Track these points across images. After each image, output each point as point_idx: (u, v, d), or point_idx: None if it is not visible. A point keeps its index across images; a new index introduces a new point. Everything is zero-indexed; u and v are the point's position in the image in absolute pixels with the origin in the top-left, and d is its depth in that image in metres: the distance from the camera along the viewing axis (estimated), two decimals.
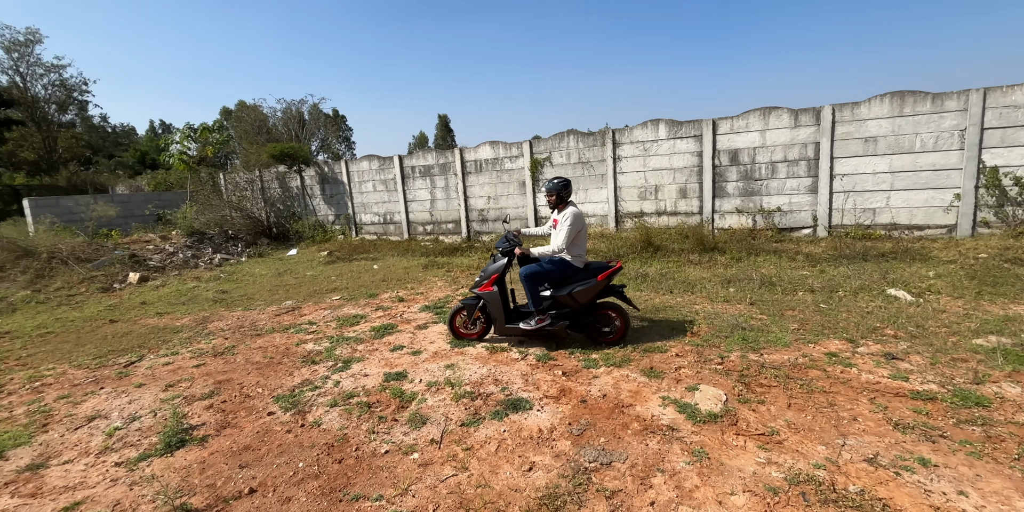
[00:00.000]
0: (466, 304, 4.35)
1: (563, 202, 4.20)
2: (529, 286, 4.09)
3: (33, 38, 23.81)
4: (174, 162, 14.43)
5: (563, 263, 4.09)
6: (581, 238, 4.12)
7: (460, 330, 4.47)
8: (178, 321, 5.87)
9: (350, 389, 3.65)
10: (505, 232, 4.37)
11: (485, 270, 4.22)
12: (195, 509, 2.39)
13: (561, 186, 4.17)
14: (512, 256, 4.19)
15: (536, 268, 4.09)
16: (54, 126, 25.34)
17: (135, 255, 9.31)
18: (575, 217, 4.02)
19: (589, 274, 4.07)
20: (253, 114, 25.71)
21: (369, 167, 12.94)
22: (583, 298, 4.03)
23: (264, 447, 2.94)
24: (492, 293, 4.11)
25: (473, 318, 4.38)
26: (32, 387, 4.08)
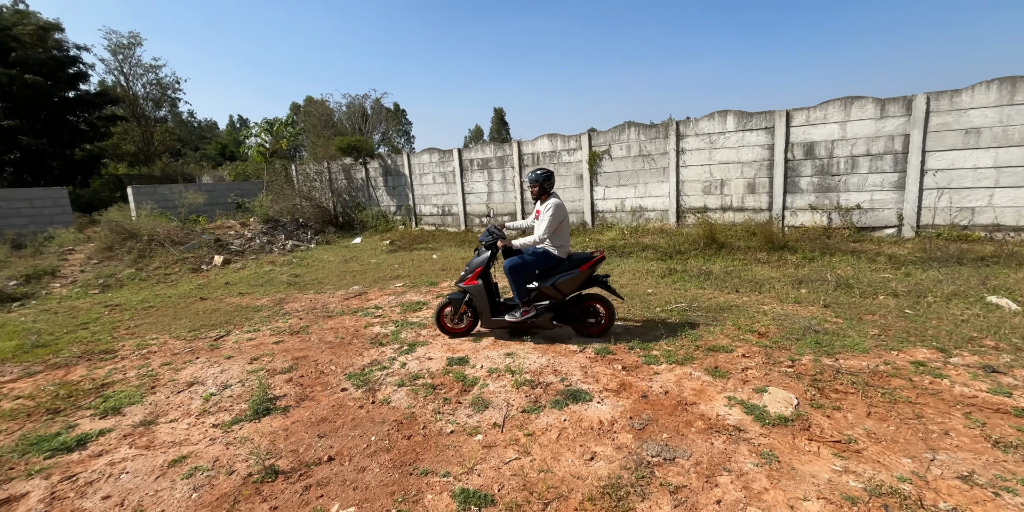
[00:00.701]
0: (452, 299, 4.31)
1: (546, 193, 4.23)
2: (513, 278, 4.10)
3: (135, 41, 26.27)
4: (252, 154, 15.53)
5: (546, 254, 4.12)
6: (563, 229, 4.13)
7: (448, 325, 4.40)
8: (258, 301, 6.37)
9: (415, 371, 3.84)
10: (488, 226, 4.38)
11: (470, 264, 4.22)
12: (282, 471, 2.63)
13: (544, 177, 4.18)
14: (495, 249, 4.19)
15: (518, 260, 4.09)
16: (151, 121, 27.94)
17: (219, 239, 10.16)
18: (556, 208, 4.03)
19: (572, 265, 4.09)
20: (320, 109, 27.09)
21: (429, 160, 13.31)
22: (566, 289, 4.07)
23: (339, 420, 3.16)
24: (477, 287, 4.14)
25: (460, 312, 4.36)
26: (140, 354, 4.60)
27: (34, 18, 19.83)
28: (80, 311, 6.34)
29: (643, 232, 9.26)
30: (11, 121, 18.99)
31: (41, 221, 12.39)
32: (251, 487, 2.50)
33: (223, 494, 2.46)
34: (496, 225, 4.40)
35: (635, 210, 10.11)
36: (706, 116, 9.21)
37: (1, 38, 18.62)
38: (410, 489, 2.41)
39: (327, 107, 26.83)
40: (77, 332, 5.36)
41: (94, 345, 4.86)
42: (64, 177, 19.85)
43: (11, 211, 12.33)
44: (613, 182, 10.36)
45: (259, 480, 2.54)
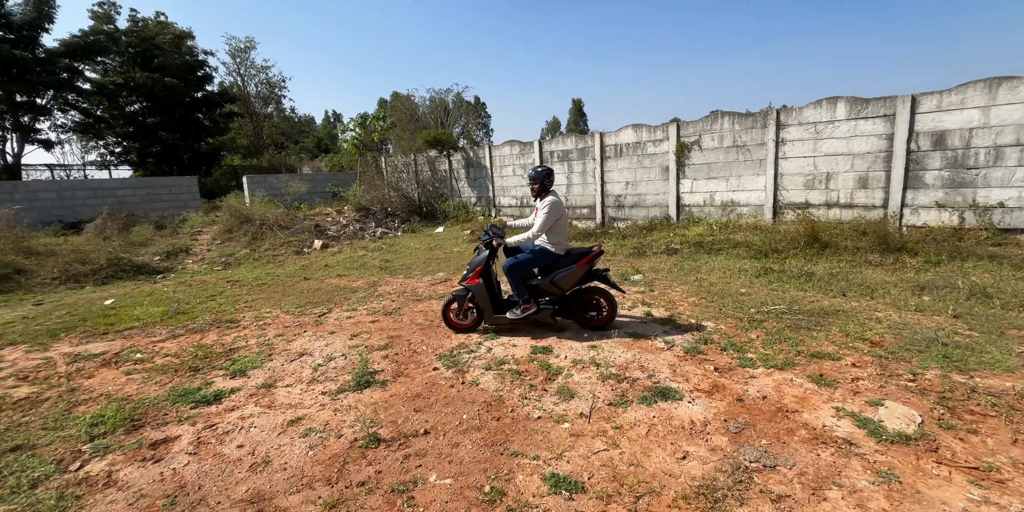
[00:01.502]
0: (457, 296, 4.39)
1: (546, 190, 4.26)
2: (512, 277, 4.14)
3: (250, 45, 29.10)
4: (348, 147, 16.68)
5: (543, 252, 4.16)
6: (561, 225, 4.16)
7: (454, 321, 4.49)
8: (354, 283, 6.88)
9: (500, 356, 3.95)
10: (487, 225, 4.45)
11: (470, 263, 4.27)
12: (383, 439, 2.85)
13: (544, 174, 4.22)
14: (494, 248, 4.23)
15: (516, 260, 4.15)
16: (260, 117, 30.92)
17: (318, 225, 11.09)
18: (553, 205, 4.07)
19: (570, 261, 4.13)
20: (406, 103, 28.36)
21: (510, 152, 13.47)
22: (565, 285, 4.13)
23: (432, 397, 3.35)
24: (478, 285, 4.19)
25: (464, 309, 4.43)
26: (258, 325, 5.17)
27: (172, 28, 22.65)
28: (208, 285, 7.25)
29: (734, 228, 8.72)
30: (153, 119, 21.94)
31: (177, 205, 14.28)
32: (357, 451, 2.73)
33: (334, 454, 2.72)
34: (497, 224, 4.48)
35: (725, 204, 9.54)
36: (811, 104, 8.42)
37: (146, 47, 21.51)
38: (501, 468, 2.51)
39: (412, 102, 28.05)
40: (207, 303, 6.14)
41: (221, 315, 5.54)
42: (192, 167, 22.63)
43: (154, 196, 14.33)
44: (702, 175, 9.84)
45: (364, 445, 2.78)
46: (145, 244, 9.87)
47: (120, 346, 4.60)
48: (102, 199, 13.57)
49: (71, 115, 21.70)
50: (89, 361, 4.24)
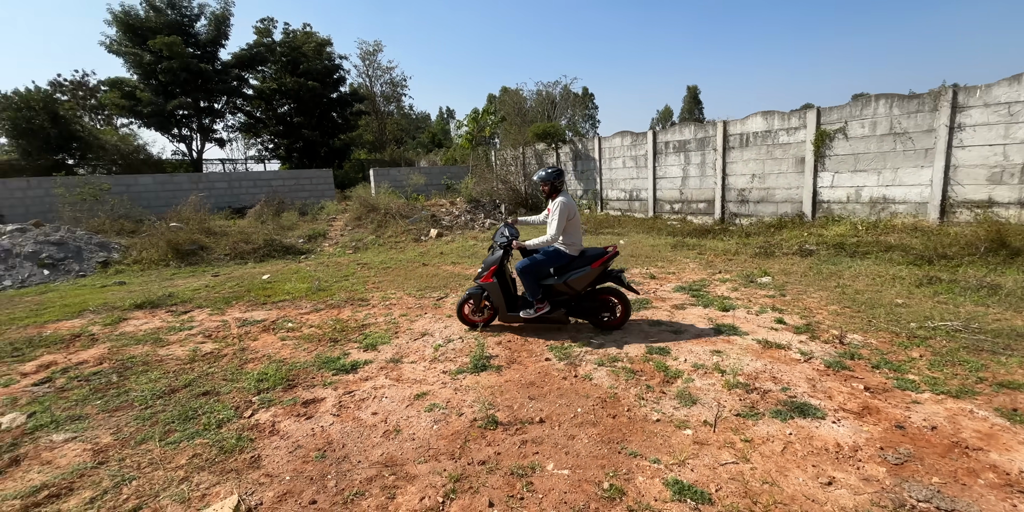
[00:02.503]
0: (472, 294, 4.43)
1: (556, 192, 4.19)
2: (525, 279, 4.12)
3: (377, 48, 31.75)
4: (462, 141, 17.45)
5: (557, 253, 4.12)
6: (573, 226, 4.11)
7: (468, 316, 4.53)
8: (467, 270, 7.21)
9: (614, 353, 3.87)
10: (501, 225, 4.42)
11: (485, 262, 4.26)
12: (501, 422, 2.95)
13: (555, 176, 4.17)
14: (508, 249, 4.23)
15: (530, 261, 4.12)
16: (384, 115, 33.68)
17: (434, 215, 11.80)
18: (563, 206, 4.02)
19: (584, 262, 4.08)
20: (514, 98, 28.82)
21: (621, 143, 13.05)
22: (578, 285, 4.08)
23: (546, 387, 3.39)
24: (492, 284, 4.19)
25: (481, 306, 4.46)
26: (385, 304, 5.66)
27: (315, 37, 25.46)
28: (342, 266, 8.11)
29: (885, 228, 7.54)
30: (298, 118, 25.00)
31: (316, 195, 16.19)
32: (477, 430, 2.87)
33: (456, 431, 2.88)
34: (509, 222, 4.50)
35: (875, 201, 8.28)
36: (1005, 80, 6.91)
37: (295, 55, 24.48)
38: (619, 466, 2.46)
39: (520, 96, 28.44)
40: (341, 282, 6.87)
41: (354, 294, 6.17)
42: (327, 161, 25.40)
43: (298, 187, 16.39)
44: (847, 167, 8.63)
45: (483, 426, 2.90)
46: (292, 228, 11.34)
47: (276, 315, 5.33)
48: (260, 188, 15.85)
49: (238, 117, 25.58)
50: (254, 326, 4.98)
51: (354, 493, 2.34)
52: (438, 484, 2.38)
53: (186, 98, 21.31)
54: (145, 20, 20.57)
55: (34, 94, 17.90)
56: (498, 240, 4.35)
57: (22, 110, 17.30)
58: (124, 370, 3.91)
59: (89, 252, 8.71)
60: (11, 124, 17.32)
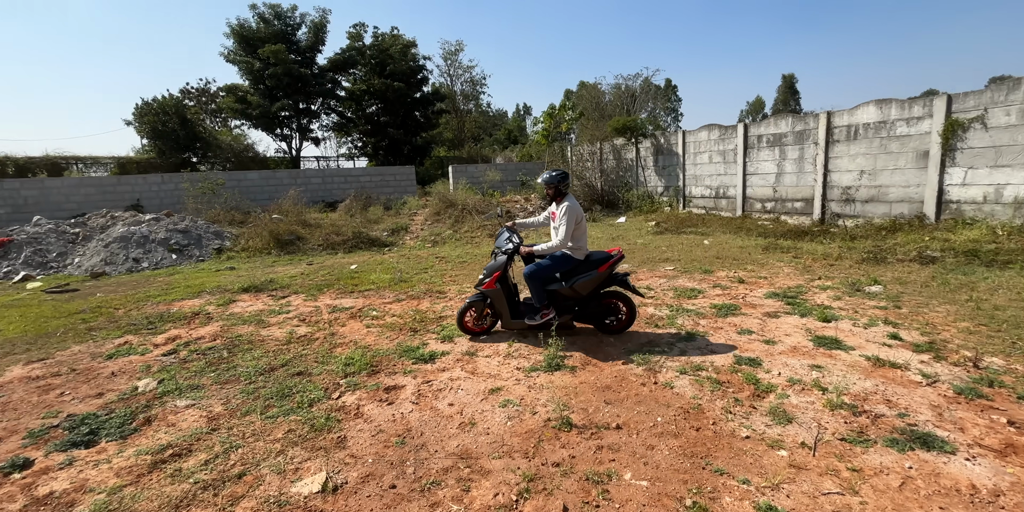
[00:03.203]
0: (473, 301, 4.24)
1: (561, 195, 4.05)
2: (532, 284, 4.01)
3: (459, 47, 32.59)
4: (537, 138, 17.44)
5: (564, 257, 4.01)
6: (580, 230, 4.01)
7: (469, 325, 4.31)
8: None
9: (697, 361, 3.64)
10: (502, 230, 4.33)
11: (487, 268, 4.11)
12: (575, 424, 2.88)
13: (559, 178, 4.03)
14: (512, 254, 4.09)
15: (537, 267, 4.01)
16: (463, 113, 34.56)
17: (508, 211, 11.91)
18: (571, 210, 3.90)
19: (590, 266, 3.98)
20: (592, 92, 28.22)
21: (708, 137, 12.30)
22: (584, 290, 3.99)
23: (623, 392, 3.27)
24: (496, 290, 4.05)
25: (483, 314, 4.29)
26: (461, 297, 5.79)
27: (401, 39, 26.66)
28: (421, 259, 8.44)
29: None
30: (385, 118, 26.39)
31: (399, 190, 17.03)
32: (551, 431, 2.82)
33: (529, 430, 2.86)
34: (508, 226, 4.36)
35: (1021, 202, 7.07)
36: None
37: (383, 57, 25.81)
38: (703, 483, 2.30)
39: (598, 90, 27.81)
40: (421, 274, 7.14)
41: (432, 286, 6.38)
42: (410, 158, 26.60)
43: (383, 183, 17.34)
44: (984, 162, 7.45)
45: (557, 426, 2.85)
46: (377, 221, 12.01)
47: (362, 303, 5.66)
48: (349, 184, 16.96)
49: (331, 117, 27.54)
50: (342, 313, 5.32)
51: (431, 482, 2.40)
52: (512, 482, 2.37)
53: (288, 100, 23.30)
54: (256, 31, 22.75)
55: (168, 101, 20.52)
56: (502, 245, 4.21)
57: (159, 115, 19.91)
58: (233, 347, 4.35)
59: (207, 240, 9.83)
60: (150, 127, 20.00)
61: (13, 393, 3.57)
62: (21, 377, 3.84)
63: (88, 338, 4.74)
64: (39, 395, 3.52)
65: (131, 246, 9.01)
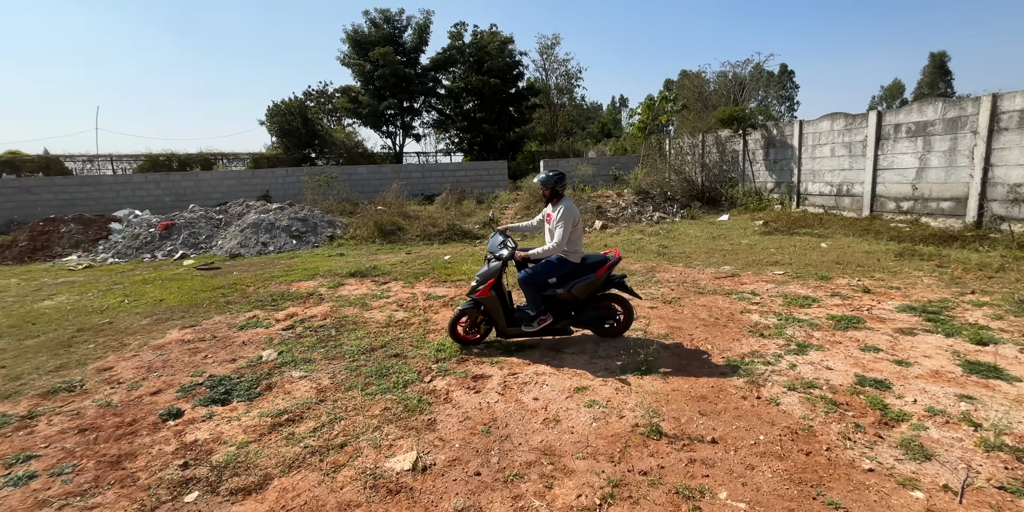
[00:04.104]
0: (466, 309, 4.01)
1: (558, 196, 3.90)
2: (528, 290, 3.86)
3: (555, 41, 32.35)
4: (633, 130, 16.80)
5: (560, 261, 3.86)
6: (577, 233, 3.86)
7: (462, 334, 4.07)
8: (632, 266, 6.93)
9: (810, 378, 3.27)
10: (494, 234, 4.18)
11: (481, 275, 3.88)
12: (665, 433, 2.73)
13: (556, 179, 3.88)
14: (506, 260, 3.87)
15: (532, 272, 3.84)
16: (556, 107, 34.37)
17: (599, 206, 11.65)
18: (568, 213, 3.76)
19: (587, 270, 3.87)
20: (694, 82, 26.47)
21: (830, 127, 10.95)
22: (582, 294, 3.87)
23: (720, 404, 3.04)
24: (491, 298, 3.84)
25: (477, 322, 4.04)
26: None
27: (499, 36, 27.10)
28: None
29: None
30: (480, 114, 27.14)
31: (491, 185, 17.48)
32: (639, 437, 2.71)
33: (616, 433, 2.76)
34: (500, 230, 4.16)
35: None
36: None
37: (481, 55, 26.47)
38: None
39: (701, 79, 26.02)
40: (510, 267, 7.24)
41: None
42: (503, 153, 27.12)
43: (476, 177, 17.89)
44: None
45: (646, 433, 2.73)
46: (470, 214, 12.43)
47: (454, 293, 5.88)
48: (446, 178, 17.73)
49: (431, 114, 28.94)
50: (436, 301, 5.57)
51: (514, 474, 2.42)
52: (596, 484, 2.32)
53: (393, 100, 24.89)
54: (368, 35, 24.54)
55: (293, 103, 22.95)
56: (495, 251, 3.99)
57: (285, 115, 22.36)
58: (340, 326, 4.75)
59: (321, 228, 10.87)
60: (278, 126, 22.55)
61: (171, 352, 4.24)
62: (177, 340, 4.55)
63: (226, 310, 5.48)
64: (189, 356, 4.14)
65: (261, 231, 10.26)
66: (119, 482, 2.47)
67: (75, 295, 6.56)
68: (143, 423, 3.05)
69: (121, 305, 5.88)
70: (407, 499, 2.28)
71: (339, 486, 2.38)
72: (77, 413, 3.20)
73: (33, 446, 2.83)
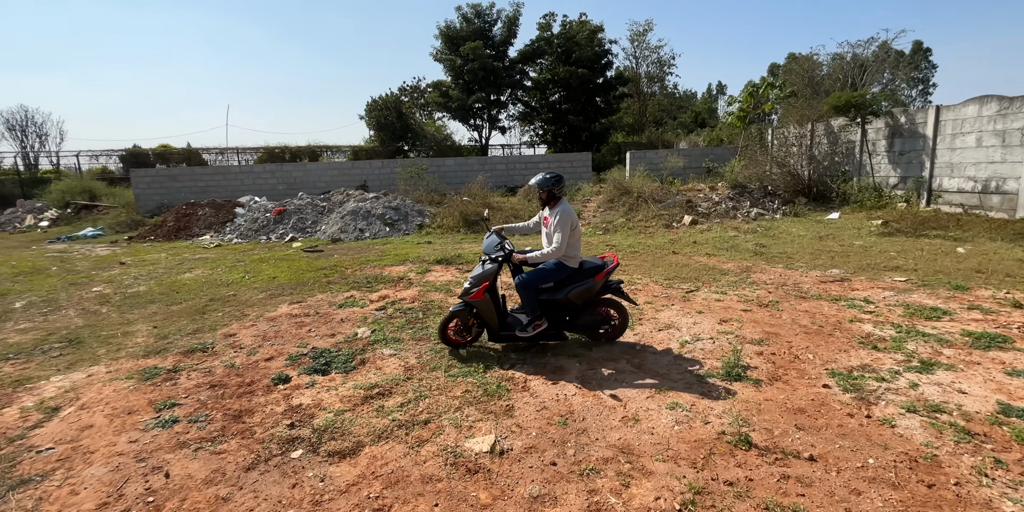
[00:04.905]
0: (456, 312, 3.86)
1: (555, 199, 3.79)
2: (526, 295, 3.73)
3: (648, 28, 30.91)
4: (731, 119, 15.64)
5: (559, 266, 3.74)
6: (575, 237, 3.73)
7: (452, 337, 3.93)
8: (724, 265, 6.51)
9: (936, 400, 2.87)
10: (488, 234, 4.03)
11: (475, 277, 3.75)
12: (755, 445, 2.55)
13: (553, 182, 3.77)
14: (502, 262, 3.77)
15: (530, 276, 3.75)
16: (646, 96, 32.96)
17: (690, 201, 11.04)
18: (566, 216, 3.66)
19: (585, 274, 3.74)
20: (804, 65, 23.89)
21: (978, 113, 9.36)
22: (580, 300, 3.75)
23: (821, 419, 2.77)
24: (485, 301, 3.71)
25: (468, 325, 3.92)
26: (629, 288, 5.60)
27: (589, 25, 26.46)
28: (592, 246, 8.44)
29: None
30: (566, 105, 26.83)
31: (574, 177, 17.27)
32: (725, 445, 2.56)
33: (699, 439, 2.63)
34: (495, 230, 4.00)
35: None
36: None
37: (569, 45, 26.04)
38: None
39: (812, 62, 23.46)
40: None
41: None
42: (587, 145, 26.64)
43: (560, 169, 17.77)
44: None
45: (733, 442, 2.57)
46: None
47: None
48: (529, 170, 17.83)
49: (517, 107, 29.16)
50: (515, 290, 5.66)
51: (590, 468, 2.40)
52: (676, 489, 2.23)
53: (482, 93, 25.41)
54: (459, 31, 25.20)
55: (389, 98, 24.32)
56: (490, 252, 3.81)
57: (382, 110, 23.79)
58: (426, 310, 5.01)
59: (412, 216, 11.48)
60: (375, 121, 24.06)
61: (281, 324, 4.74)
62: (286, 313, 5.08)
63: (327, 289, 6.01)
64: (296, 328, 4.61)
65: (358, 219, 11.07)
66: (240, 434, 2.83)
67: (208, 270, 7.57)
68: (259, 385, 3.46)
69: (242, 280, 6.68)
70: (484, 480, 2.36)
71: (422, 460, 2.52)
72: (208, 371, 3.71)
73: (176, 395, 3.33)
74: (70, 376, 3.70)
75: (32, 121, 26.35)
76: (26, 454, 2.69)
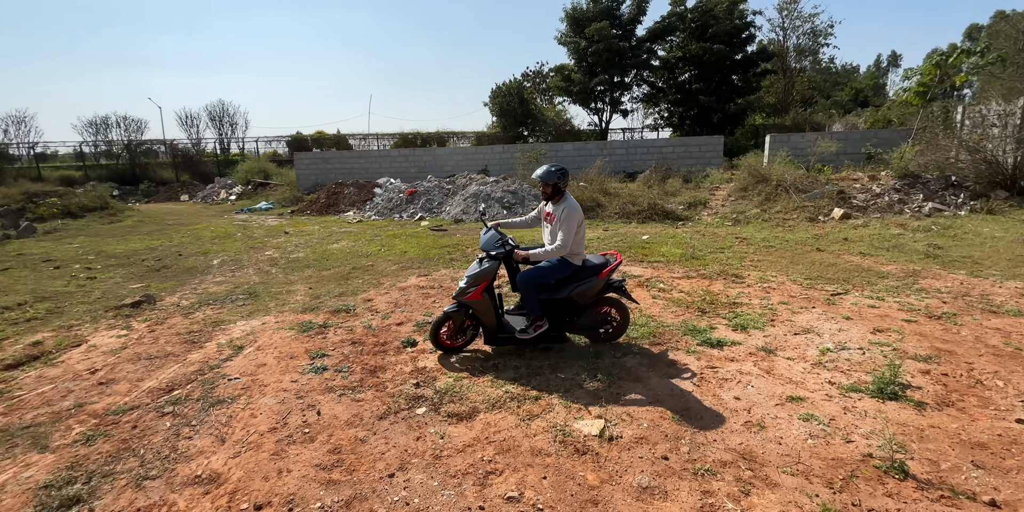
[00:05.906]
0: (451, 313, 3.56)
1: (560, 193, 3.55)
2: (528, 293, 3.47)
3: None
4: (907, 96, 13.11)
5: (563, 263, 3.51)
6: (580, 234, 3.53)
7: (445, 341, 3.67)
8: (883, 266, 5.58)
9: None
10: (486, 230, 3.69)
11: (472, 276, 3.46)
12: (913, 475, 2.20)
13: (558, 175, 3.50)
14: (500, 259, 3.50)
15: (534, 273, 3.48)
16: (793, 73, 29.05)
17: (842, 192, 9.60)
18: (573, 212, 3.45)
19: (588, 272, 3.55)
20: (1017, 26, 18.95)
21: None
22: (583, 299, 3.56)
23: (1010, 459, 2.28)
24: (482, 301, 3.43)
25: (464, 327, 3.65)
26: (762, 286, 5.12)
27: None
28: (718, 237, 7.82)
29: None
30: (697, 85, 24.81)
31: (702, 162, 16.04)
32: (872, 471, 2.24)
33: (839, 458, 2.34)
34: (492, 226, 3.72)
35: None
36: None
37: (705, 19, 23.84)
38: None
39: None
40: (716, 254, 6.63)
41: (728, 268, 5.85)
42: (719, 127, 24.44)
43: (686, 154, 16.62)
44: None
45: (883, 469, 2.24)
46: (674, 194, 11.70)
47: (650, 274, 5.70)
48: (651, 155, 16.97)
49: (642, 88, 27.72)
50: (630, 280, 5.50)
51: (705, 469, 2.28)
52: (805, 507, 2.03)
53: (605, 75, 24.61)
54: (585, 12, 24.52)
55: (511, 84, 24.76)
56: (489, 249, 3.53)
57: (505, 96, 24.35)
58: None
59: (528, 200, 11.70)
60: (499, 107, 24.73)
61: (411, 294, 5.21)
62: (415, 285, 5.56)
63: (450, 265, 6.43)
64: (422, 299, 5.03)
65: (479, 201, 11.60)
66: (375, 387, 3.20)
67: (351, 242, 8.57)
68: (390, 346, 3.86)
69: (379, 253, 7.45)
70: (592, 462, 2.37)
71: (532, 433, 2.62)
72: (351, 330, 4.24)
73: (325, 347, 3.86)
74: (250, 322, 4.50)
75: (227, 112, 31.89)
76: (221, 380, 3.35)
